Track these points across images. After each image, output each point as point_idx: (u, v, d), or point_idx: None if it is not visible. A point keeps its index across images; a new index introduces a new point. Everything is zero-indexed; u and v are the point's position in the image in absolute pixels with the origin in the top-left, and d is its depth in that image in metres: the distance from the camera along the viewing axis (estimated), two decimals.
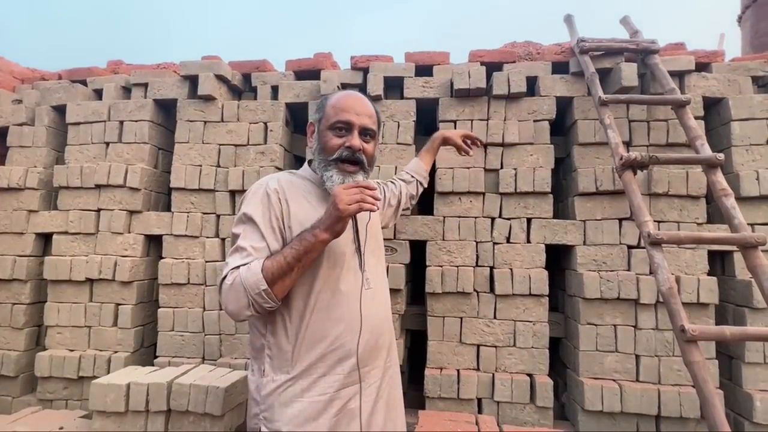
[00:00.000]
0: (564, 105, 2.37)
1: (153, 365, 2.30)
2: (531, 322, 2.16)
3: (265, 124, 2.46)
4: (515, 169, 2.25)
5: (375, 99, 2.39)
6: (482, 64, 2.39)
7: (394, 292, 2.19)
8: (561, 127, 2.48)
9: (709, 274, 2.08)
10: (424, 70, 2.47)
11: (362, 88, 2.49)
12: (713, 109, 2.26)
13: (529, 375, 2.14)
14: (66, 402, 2.36)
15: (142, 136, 2.52)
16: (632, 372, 2.05)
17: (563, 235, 2.20)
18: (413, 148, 2.34)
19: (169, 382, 1.90)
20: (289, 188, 1.15)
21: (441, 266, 2.23)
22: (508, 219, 2.25)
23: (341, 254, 1.13)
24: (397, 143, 2.35)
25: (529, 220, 2.24)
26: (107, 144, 2.56)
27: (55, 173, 2.53)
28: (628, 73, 2.16)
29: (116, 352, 2.37)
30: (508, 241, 2.24)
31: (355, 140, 1.14)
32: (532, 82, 2.37)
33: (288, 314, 1.09)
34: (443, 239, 2.26)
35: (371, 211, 1.05)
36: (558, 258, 2.44)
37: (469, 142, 1.99)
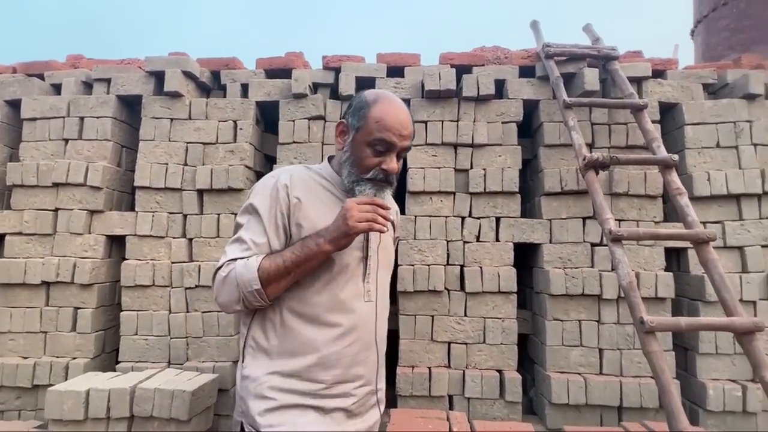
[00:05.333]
0: (531, 108, 2.44)
1: (115, 371, 2.21)
2: (500, 318, 2.21)
3: (235, 122, 2.42)
4: (484, 169, 2.30)
5: (346, 99, 2.40)
6: (452, 66, 2.43)
7: None
8: (528, 129, 2.55)
9: (666, 270, 2.19)
10: (395, 71, 2.49)
11: (334, 87, 2.49)
12: (668, 113, 2.39)
13: (499, 371, 2.18)
14: (19, 413, 2.23)
15: (104, 133, 2.43)
16: (596, 365, 2.13)
17: (530, 234, 2.27)
18: None
19: (133, 386, 1.83)
20: (303, 184, 1.07)
21: (413, 265, 2.24)
22: (478, 218, 2.30)
23: (345, 261, 1.05)
24: None
25: (497, 219, 2.29)
26: (66, 141, 2.45)
27: (8, 171, 2.40)
28: (591, 78, 2.26)
29: (75, 358, 2.26)
30: (477, 240, 2.28)
31: (393, 164, 1.04)
32: (500, 85, 2.43)
33: (278, 312, 1.03)
34: (415, 238, 2.28)
35: (380, 232, 1.00)
36: (525, 256, 2.51)
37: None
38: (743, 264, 2.16)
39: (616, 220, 1.88)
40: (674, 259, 2.32)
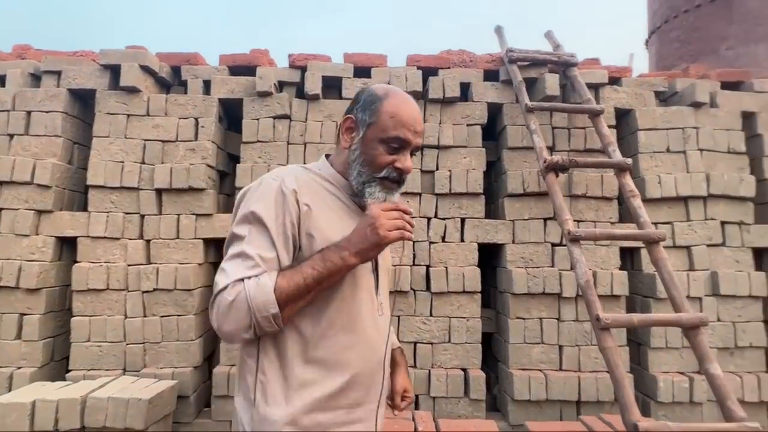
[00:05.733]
0: (495, 111, 2.49)
1: (65, 380, 2.09)
2: (465, 318, 2.25)
3: (197, 119, 2.35)
4: (450, 170, 2.33)
5: (313, 98, 2.38)
6: (419, 68, 2.45)
7: None
8: (493, 131, 2.61)
9: (621, 268, 2.29)
10: (362, 72, 2.49)
11: (300, 86, 2.46)
12: (623, 119, 2.50)
13: (464, 369, 2.21)
14: None
15: (53, 129, 2.30)
16: (556, 362, 2.20)
17: (494, 235, 2.31)
18: None
19: (84, 396, 1.74)
20: (309, 189, 0.96)
21: None
22: (444, 219, 2.32)
23: (359, 273, 0.98)
24: (336, 144, 2.34)
25: (463, 220, 2.33)
26: (11, 136, 2.30)
27: None
28: (551, 83, 2.33)
29: (20, 367, 2.12)
30: (443, 241, 2.31)
31: (409, 162, 0.98)
32: (465, 88, 2.47)
33: (292, 336, 0.92)
34: None
35: (410, 240, 0.94)
36: (489, 256, 2.56)
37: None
38: (690, 263, 2.29)
39: (574, 221, 1.95)
40: (628, 258, 2.43)
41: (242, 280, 0.85)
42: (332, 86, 2.46)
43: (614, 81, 2.52)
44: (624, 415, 1.48)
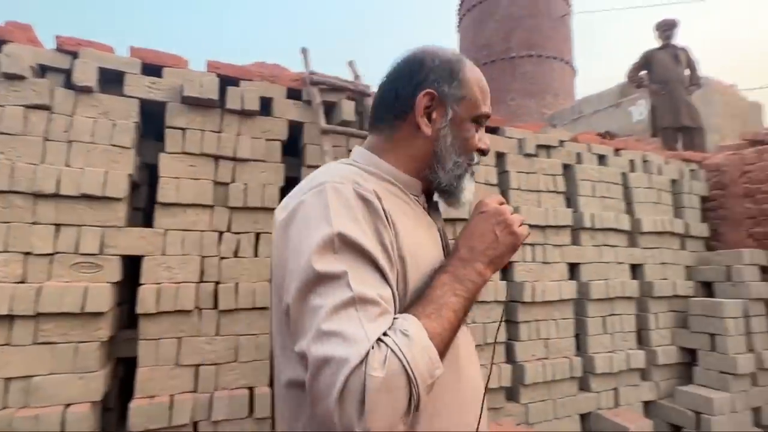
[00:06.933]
0: (298, 128, 2.55)
1: None
2: (255, 335, 2.20)
3: None
4: (246, 184, 2.28)
5: (84, 90, 2.06)
6: (219, 76, 2.35)
7: (95, 315, 1.89)
8: (297, 148, 2.66)
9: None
10: (153, 70, 2.27)
11: (68, 74, 2.10)
12: None
13: (250, 388, 2.16)
14: None
15: None
16: None
17: None
18: (131, 152, 2.10)
19: None
20: (383, 193, 0.69)
21: (159, 284, 2.04)
22: (237, 233, 2.25)
23: None
24: (111, 144, 2.07)
25: (258, 235, 2.30)
26: None
27: None
28: (348, 109, 2.51)
29: None
30: (235, 256, 2.24)
31: (488, 140, 0.83)
32: (268, 103, 2.47)
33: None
34: (163, 254, 2.08)
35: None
36: None
37: None
38: None
39: None
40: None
41: (380, 340, 0.55)
42: (112, 81, 2.18)
43: None
44: None
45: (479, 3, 12.63)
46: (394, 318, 0.58)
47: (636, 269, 3.43)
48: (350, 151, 2.55)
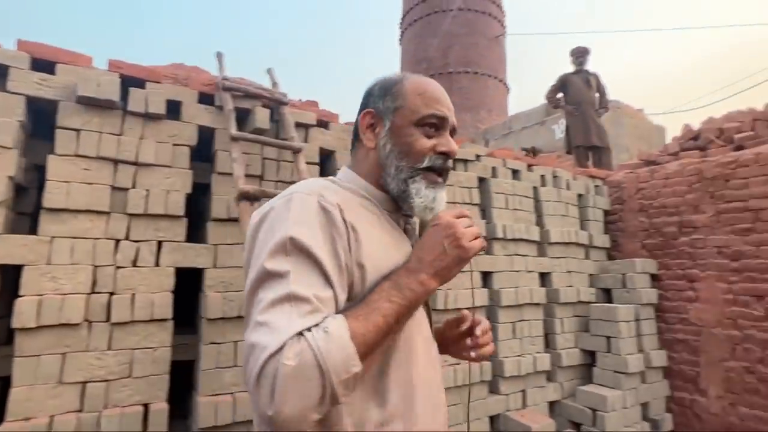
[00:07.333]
0: (210, 134, 2.49)
1: None
2: (152, 348, 2.10)
3: None
4: (148, 190, 2.19)
5: None
6: (122, 76, 2.25)
7: None
8: (209, 154, 2.59)
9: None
10: (44, 66, 2.12)
11: None
12: (329, 159, 2.86)
13: (146, 405, 2.05)
14: None
15: None
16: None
17: (195, 259, 2.27)
18: (14, 152, 1.94)
19: None
20: (349, 204, 0.76)
21: (41, 295, 1.89)
22: (137, 242, 2.15)
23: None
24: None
25: (160, 243, 2.20)
26: None
27: None
28: (261, 117, 2.49)
29: None
30: (134, 265, 2.13)
31: (453, 144, 0.84)
32: (177, 107, 2.38)
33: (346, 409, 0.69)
34: (48, 263, 1.94)
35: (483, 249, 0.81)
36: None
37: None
38: None
39: None
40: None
41: (301, 333, 0.60)
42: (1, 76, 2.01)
43: (324, 124, 2.88)
44: None
45: (420, 18, 13.04)
46: (325, 317, 0.63)
47: (544, 277, 3.68)
48: (265, 159, 2.54)
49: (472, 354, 0.91)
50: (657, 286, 3.85)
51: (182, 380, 2.41)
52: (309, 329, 0.61)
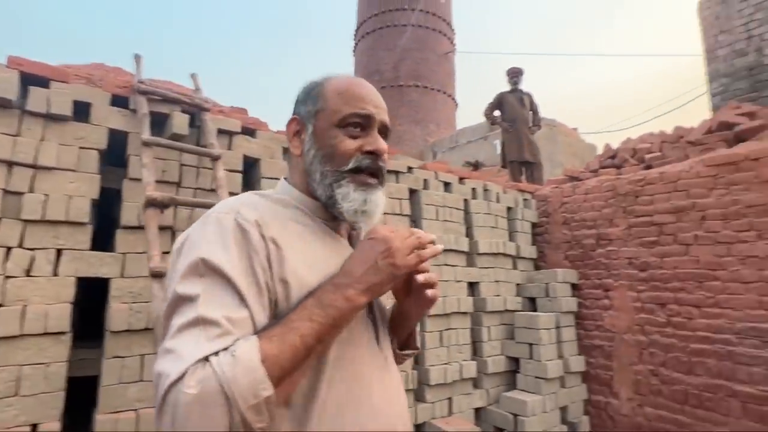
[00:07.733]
0: (124, 138, 2.39)
1: None
2: (45, 364, 1.96)
3: None
4: (47, 195, 2.06)
5: None
6: (23, 74, 2.12)
7: None
8: (122, 158, 2.49)
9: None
10: None
11: None
12: (254, 167, 2.83)
13: (34, 425, 1.91)
14: None
15: None
16: (152, 398, 2.17)
17: (99, 268, 2.16)
18: None
19: None
20: (273, 220, 0.73)
21: None
22: (32, 249, 2.01)
23: (354, 322, 0.74)
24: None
25: (59, 252, 2.08)
26: None
27: None
28: (179, 122, 2.43)
29: None
30: (28, 275, 1.99)
31: (381, 143, 0.79)
32: (87, 108, 2.27)
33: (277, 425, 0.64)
34: None
35: (425, 271, 0.79)
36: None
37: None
38: None
39: (164, 253, 2.02)
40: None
41: (207, 359, 0.57)
42: None
43: (250, 132, 2.85)
44: None
45: (373, 31, 13.25)
46: (237, 339, 0.60)
47: (473, 286, 3.80)
48: (183, 165, 2.47)
49: (428, 293, 0.81)
50: (577, 295, 4.08)
51: (87, 398, 2.27)
52: (216, 353, 0.58)
